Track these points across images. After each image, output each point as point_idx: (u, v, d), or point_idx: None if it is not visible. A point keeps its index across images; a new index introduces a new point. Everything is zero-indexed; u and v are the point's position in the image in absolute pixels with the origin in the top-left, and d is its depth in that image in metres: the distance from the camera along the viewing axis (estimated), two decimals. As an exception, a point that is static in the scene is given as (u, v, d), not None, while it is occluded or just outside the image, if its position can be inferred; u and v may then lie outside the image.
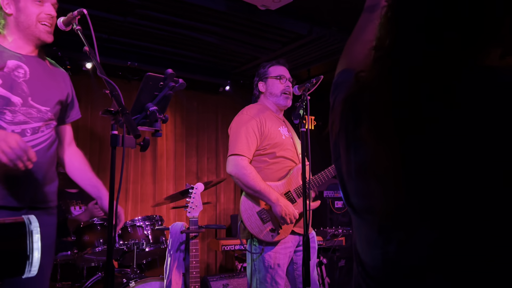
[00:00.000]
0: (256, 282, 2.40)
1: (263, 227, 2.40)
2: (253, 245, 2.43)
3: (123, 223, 2.06)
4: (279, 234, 2.40)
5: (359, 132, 0.63)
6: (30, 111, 1.76)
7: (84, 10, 1.68)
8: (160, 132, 1.54)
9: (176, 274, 2.80)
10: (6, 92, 1.69)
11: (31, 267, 0.92)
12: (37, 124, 1.78)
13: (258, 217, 2.42)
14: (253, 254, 2.42)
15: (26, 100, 1.75)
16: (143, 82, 1.51)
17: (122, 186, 1.47)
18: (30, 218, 0.95)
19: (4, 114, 1.69)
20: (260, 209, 2.43)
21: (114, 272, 1.46)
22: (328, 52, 4.40)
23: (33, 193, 1.79)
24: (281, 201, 2.36)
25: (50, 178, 1.87)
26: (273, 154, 2.50)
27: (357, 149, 0.65)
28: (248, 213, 2.43)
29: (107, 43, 4.05)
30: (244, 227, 2.43)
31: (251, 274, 2.43)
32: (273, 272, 2.37)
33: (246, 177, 2.37)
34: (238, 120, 2.55)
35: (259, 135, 2.47)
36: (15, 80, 1.73)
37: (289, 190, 2.49)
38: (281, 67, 2.68)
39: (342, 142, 0.68)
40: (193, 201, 2.69)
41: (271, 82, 2.63)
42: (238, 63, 4.85)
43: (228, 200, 5.53)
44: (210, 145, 5.48)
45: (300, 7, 3.45)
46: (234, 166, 2.43)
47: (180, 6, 3.40)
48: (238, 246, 3.70)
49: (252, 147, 2.45)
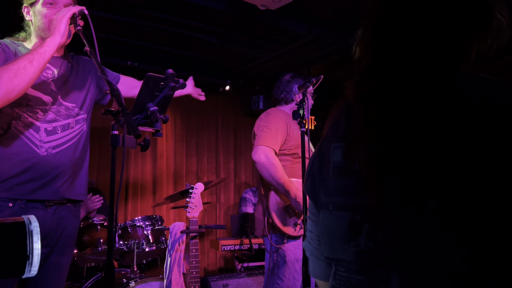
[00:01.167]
0: (275, 277, 2.52)
1: (287, 220, 2.57)
2: (275, 240, 2.58)
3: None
4: (302, 229, 2.53)
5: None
6: (60, 109, 1.85)
7: (85, 10, 1.69)
8: (160, 132, 1.55)
9: (176, 274, 2.80)
10: (36, 92, 1.79)
11: (31, 267, 0.91)
12: (66, 121, 1.86)
13: (284, 211, 2.58)
14: (272, 251, 2.57)
15: (56, 99, 1.84)
16: (144, 82, 1.52)
17: (122, 186, 1.47)
18: (30, 218, 0.95)
19: (37, 113, 1.79)
20: (287, 204, 2.58)
21: (114, 272, 1.46)
22: (328, 52, 4.39)
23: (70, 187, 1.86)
24: (300, 197, 2.50)
25: (83, 172, 1.94)
26: (297, 155, 2.63)
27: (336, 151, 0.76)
28: (276, 207, 2.58)
29: (107, 43, 4.05)
30: (272, 220, 2.56)
31: (271, 270, 2.57)
32: (292, 267, 2.50)
33: (274, 168, 2.50)
34: (267, 119, 2.69)
35: (285, 135, 2.63)
36: (45, 80, 1.83)
37: None
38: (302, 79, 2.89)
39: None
40: (193, 201, 2.69)
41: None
42: (238, 63, 4.85)
43: (228, 200, 5.53)
44: (210, 145, 5.48)
45: (300, 7, 3.44)
46: (264, 155, 2.53)
47: (180, 6, 3.40)
48: (238, 246, 3.71)
49: (279, 144, 2.61)
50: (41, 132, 1.78)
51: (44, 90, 1.81)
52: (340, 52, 4.36)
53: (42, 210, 1.78)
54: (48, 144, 1.79)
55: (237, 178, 5.64)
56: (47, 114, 1.80)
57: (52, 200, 1.81)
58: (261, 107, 5.46)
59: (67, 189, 1.85)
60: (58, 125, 1.83)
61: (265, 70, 5.08)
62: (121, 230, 3.18)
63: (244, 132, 5.76)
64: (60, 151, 1.82)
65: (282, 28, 3.81)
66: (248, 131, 5.81)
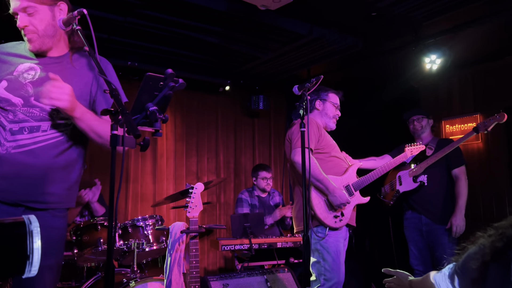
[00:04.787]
0: (320, 270, 2.72)
1: (328, 213, 2.80)
2: (318, 232, 2.79)
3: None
4: (342, 221, 2.81)
5: None
6: (33, 111, 1.80)
7: (84, 10, 1.68)
8: (160, 132, 1.54)
9: (176, 274, 2.80)
10: (7, 94, 1.80)
11: (31, 267, 0.91)
12: (37, 124, 1.80)
13: (325, 204, 2.81)
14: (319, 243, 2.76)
15: (27, 100, 1.80)
16: (143, 82, 1.51)
17: (122, 186, 1.47)
18: (30, 218, 0.95)
19: (8, 113, 1.80)
20: (325, 198, 2.82)
21: (114, 272, 1.46)
22: (328, 52, 4.39)
23: (31, 191, 1.78)
24: (337, 192, 2.77)
25: (56, 178, 1.84)
26: (329, 154, 2.95)
27: None
28: (317, 201, 2.81)
29: (107, 43, 4.05)
30: (314, 213, 2.78)
31: (316, 265, 2.74)
32: (337, 259, 2.73)
33: (313, 165, 2.72)
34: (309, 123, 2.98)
35: (318, 136, 2.93)
36: (21, 82, 1.81)
37: (349, 183, 2.93)
38: (337, 96, 3.18)
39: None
40: (193, 201, 2.69)
41: (329, 105, 3.11)
42: (238, 63, 4.85)
43: (228, 200, 5.54)
44: (210, 145, 5.48)
45: (300, 7, 3.44)
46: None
47: (180, 6, 3.40)
48: (238, 246, 3.70)
49: (315, 143, 2.90)
50: (6, 131, 1.77)
51: (16, 92, 1.79)
52: (340, 52, 4.36)
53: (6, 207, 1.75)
54: (10, 143, 1.76)
55: (237, 178, 5.64)
56: (16, 115, 1.78)
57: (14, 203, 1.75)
58: (261, 107, 5.45)
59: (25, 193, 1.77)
60: (26, 126, 1.79)
61: (265, 70, 5.08)
62: (121, 230, 3.18)
63: (244, 132, 5.76)
64: (22, 152, 1.76)
65: (282, 28, 3.81)
66: (248, 131, 5.81)
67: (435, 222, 3.64)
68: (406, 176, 3.74)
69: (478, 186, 4.39)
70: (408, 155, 3.38)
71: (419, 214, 3.73)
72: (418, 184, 3.66)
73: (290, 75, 5.21)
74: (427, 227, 3.68)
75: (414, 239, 3.76)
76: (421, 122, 3.86)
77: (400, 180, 3.78)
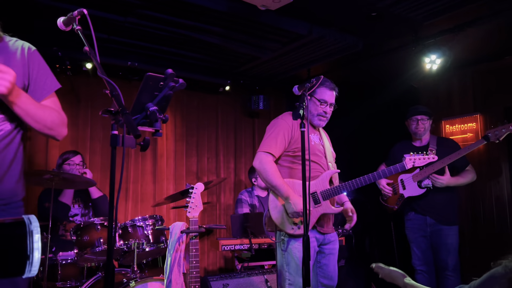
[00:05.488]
0: (285, 274, 2.61)
1: (284, 219, 2.62)
2: (281, 238, 2.66)
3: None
4: (300, 229, 2.58)
5: None
6: None
7: (84, 10, 1.68)
8: (160, 132, 1.54)
9: (176, 274, 2.81)
10: None
11: (31, 267, 0.91)
12: None
13: (283, 209, 2.62)
14: (282, 248, 2.63)
15: None
16: (143, 82, 1.51)
17: (122, 186, 1.47)
18: (30, 218, 0.95)
19: None
20: (282, 204, 2.64)
21: (114, 272, 1.46)
22: (328, 52, 4.39)
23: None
24: (292, 199, 2.54)
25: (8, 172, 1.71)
26: (300, 157, 2.53)
27: None
28: (274, 205, 2.65)
29: (107, 43, 4.05)
30: (270, 217, 2.65)
31: (281, 267, 2.64)
32: (300, 264, 2.56)
33: (266, 172, 2.63)
34: (274, 122, 2.80)
35: (288, 139, 2.70)
36: None
37: (316, 191, 2.66)
38: (330, 92, 2.78)
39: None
40: (193, 201, 2.69)
41: (313, 101, 2.77)
42: (238, 63, 4.85)
43: (228, 200, 5.54)
44: (210, 145, 5.48)
45: (300, 7, 3.44)
46: (259, 161, 2.68)
47: (180, 6, 3.40)
48: (238, 246, 3.71)
49: (280, 147, 2.68)
50: None
51: None
52: (340, 52, 4.36)
53: None
54: None
55: (237, 178, 5.65)
56: None
57: None
58: (261, 107, 5.46)
59: None
60: None
61: (265, 70, 5.08)
62: (121, 230, 3.18)
63: (244, 132, 5.77)
64: None
65: (282, 28, 3.81)
66: (248, 131, 5.81)
67: (441, 223, 3.62)
68: (410, 181, 3.66)
69: (478, 186, 4.39)
70: (409, 166, 2.74)
71: (423, 215, 3.70)
72: (425, 190, 3.59)
73: (290, 75, 5.21)
74: (432, 228, 3.66)
75: (417, 240, 3.74)
76: (425, 124, 3.78)
77: (403, 184, 3.70)
